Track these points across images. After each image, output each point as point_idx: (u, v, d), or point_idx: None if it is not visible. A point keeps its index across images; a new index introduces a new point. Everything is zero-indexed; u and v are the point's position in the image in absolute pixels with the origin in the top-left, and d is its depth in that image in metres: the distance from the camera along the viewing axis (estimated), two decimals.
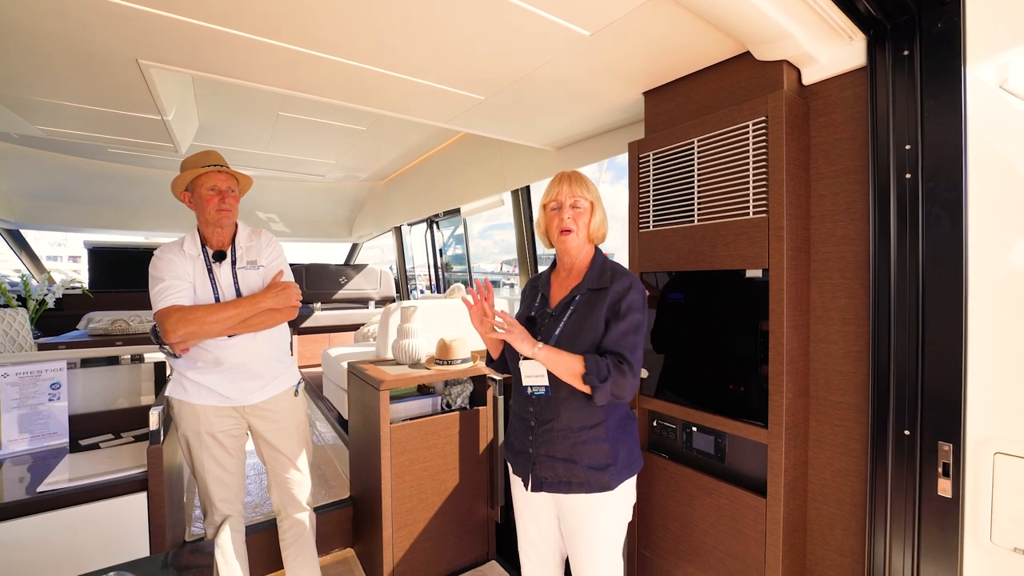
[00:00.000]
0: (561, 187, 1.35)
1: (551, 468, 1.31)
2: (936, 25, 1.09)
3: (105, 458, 1.72)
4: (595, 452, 1.28)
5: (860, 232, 1.25)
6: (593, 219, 1.37)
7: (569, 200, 1.34)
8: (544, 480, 1.32)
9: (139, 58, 1.48)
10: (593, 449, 1.28)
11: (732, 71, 1.44)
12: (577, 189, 1.34)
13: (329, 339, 4.57)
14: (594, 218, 1.37)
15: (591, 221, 1.36)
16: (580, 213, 1.35)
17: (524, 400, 1.38)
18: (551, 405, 1.31)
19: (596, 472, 1.27)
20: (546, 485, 1.32)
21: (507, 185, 2.85)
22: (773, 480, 1.30)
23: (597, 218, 1.37)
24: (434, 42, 1.36)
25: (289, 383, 1.83)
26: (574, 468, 1.28)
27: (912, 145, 1.13)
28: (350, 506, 2.33)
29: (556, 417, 1.31)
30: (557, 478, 1.30)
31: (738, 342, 1.40)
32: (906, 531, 1.16)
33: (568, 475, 1.29)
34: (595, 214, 1.37)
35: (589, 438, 1.29)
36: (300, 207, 4.61)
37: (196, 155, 1.70)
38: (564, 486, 1.30)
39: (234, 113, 2.68)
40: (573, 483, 1.29)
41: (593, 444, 1.29)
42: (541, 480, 1.32)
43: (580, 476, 1.28)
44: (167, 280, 1.58)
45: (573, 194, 1.34)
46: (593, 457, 1.28)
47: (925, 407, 1.12)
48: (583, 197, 1.34)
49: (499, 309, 1.36)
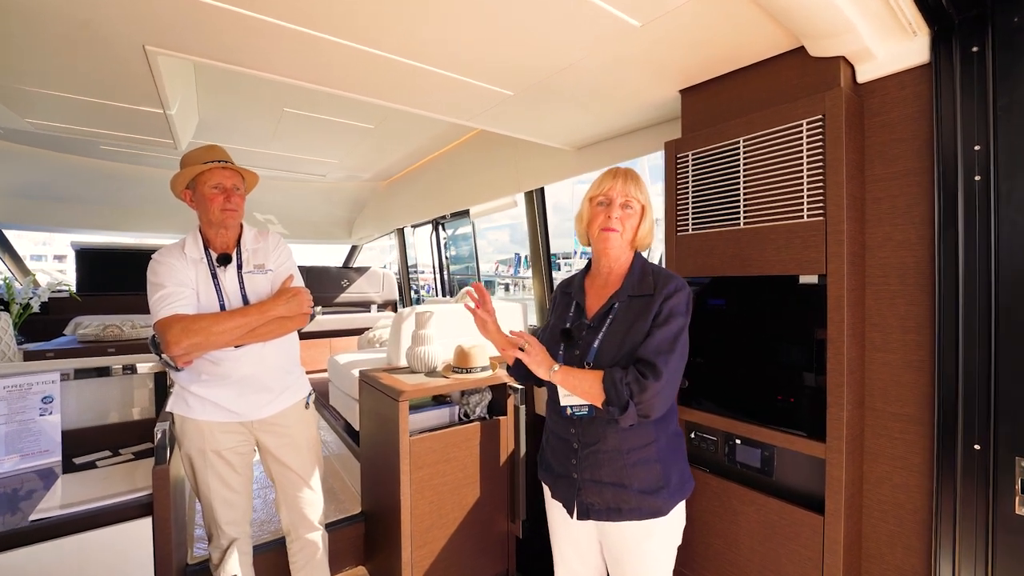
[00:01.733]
0: (615, 183, 1.24)
1: (598, 494, 1.21)
2: (1013, 20, 1.04)
3: (103, 479, 1.60)
4: (646, 475, 1.19)
5: (921, 236, 1.19)
6: (643, 224, 1.27)
7: (621, 199, 1.24)
8: (591, 507, 1.22)
9: (146, 44, 1.37)
10: (644, 471, 1.19)
11: (781, 68, 1.37)
12: (631, 188, 1.24)
13: (331, 344, 4.43)
14: (644, 223, 1.27)
15: (640, 226, 1.27)
16: (630, 215, 1.25)
17: (564, 420, 1.27)
18: (596, 426, 1.22)
19: (647, 496, 1.18)
20: (593, 512, 1.22)
21: (521, 186, 2.76)
22: (832, 496, 1.23)
23: (647, 224, 1.28)
24: (470, 31, 1.28)
25: (299, 395, 1.72)
26: (624, 493, 1.19)
27: (983, 146, 1.08)
28: (361, 522, 2.22)
29: (603, 439, 1.21)
30: (605, 504, 1.21)
31: (788, 350, 1.34)
32: (977, 553, 1.09)
33: (617, 501, 1.19)
34: (645, 219, 1.28)
35: (639, 459, 1.19)
36: (299, 208, 4.47)
37: (198, 150, 1.58)
38: (614, 513, 1.20)
39: (237, 109, 2.55)
40: (623, 509, 1.19)
41: (643, 466, 1.19)
42: (588, 507, 1.23)
43: (631, 502, 1.18)
44: (168, 287, 1.46)
45: (626, 192, 1.24)
46: (644, 480, 1.19)
47: (999, 421, 1.06)
48: (636, 199, 1.25)
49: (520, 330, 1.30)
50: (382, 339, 3.64)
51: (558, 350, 1.28)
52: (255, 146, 3.15)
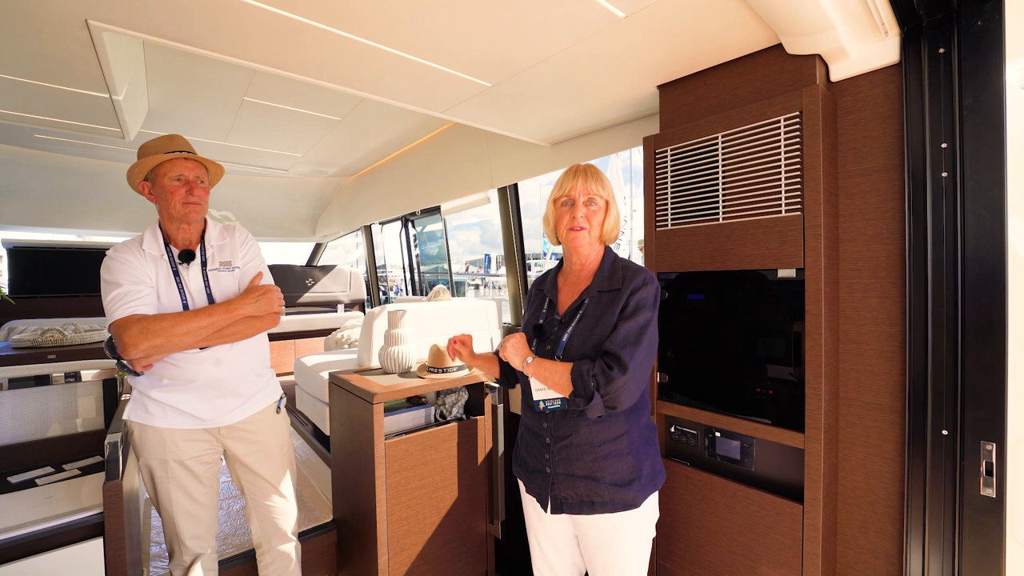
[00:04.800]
0: (576, 182, 1.24)
1: (571, 487, 1.22)
2: (976, 23, 1.08)
3: (45, 498, 1.45)
4: (618, 467, 1.20)
5: (892, 231, 1.23)
6: (608, 219, 1.28)
7: (583, 197, 1.24)
8: (565, 501, 1.23)
9: (89, 18, 1.24)
10: (616, 464, 1.20)
11: (757, 65, 1.39)
12: (592, 185, 1.24)
13: (295, 346, 4.24)
14: (608, 218, 1.28)
15: (605, 221, 1.28)
16: (594, 212, 1.25)
17: (537, 415, 1.27)
18: (568, 419, 1.22)
19: (620, 489, 1.19)
20: (567, 506, 1.23)
21: (494, 182, 2.72)
22: (811, 485, 1.26)
23: (611, 218, 1.29)
24: (452, 16, 1.22)
25: (270, 399, 1.62)
26: (596, 486, 1.19)
27: (949, 143, 1.12)
28: (333, 530, 2.13)
29: (574, 432, 1.21)
30: (578, 498, 1.21)
31: (766, 343, 1.36)
32: (944, 532, 1.14)
33: (590, 494, 1.20)
34: (609, 213, 1.28)
35: (611, 452, 1.20)
36: (259, 203, 4.25)
37: (158, 140, 1.46)
38: (586, 506, 1.21)
39: (192, 96, 2.38)
40: (596, 503, 1.20)
41: (615, 459, 1.20)
42: (561, 501, 1.23)
43: (603, 494, 1.19)
44: (124, 285, 1.35)
45: (588, 190, 1.24)
46: (616, 473, 1.19)
47: (965, 407, 1.11)
48: (598, 195, 1.25)
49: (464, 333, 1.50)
50: (351, 340, 3.52)
51: (531, 345, 1.29)
52: (211, 138, 2.96)
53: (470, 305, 2.75)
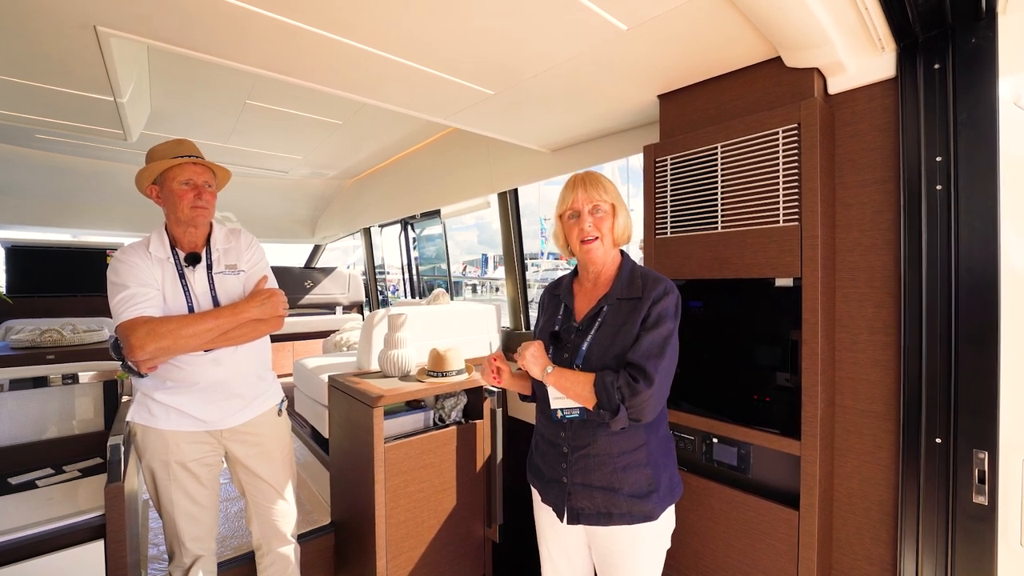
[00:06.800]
0: (576, 193, 1.23)
1: (589, 498, 1.21)
2: (970, 40, 1.11)
3: (46, 500, 1.45)
4: (636, 479, 1.19)
5: (887, 241, 1.25)
6: (617, 222, 1.26)
7: (588, 205, 1.23)
8: (581, 511, 1.22)
9: (97, 24, 1.25)
10: (634, 475, 1.19)
11: (757, 77, 1.41)
12: (594, 192, 1.23)
13: (293, 348, 4.24)
14: (617, 221, 1.26)
15: (615, 225, 1.26)
16: (602, 218, 1.24)
17: (554, 424, 1.26)
18: (586, 429, 1.21)
19: (638, 501, 1.18)
20: (583, 517, 1.22)
21: (495, 187, 2.74)
22: (807, 492, 1.28)
23: (621, 220, 1.27)
24: (455, 25, 1.24)
25: (272, 402, 1.64)
26: (614, 497, 1.18)
27: (944, 157, 1.15)
28: (332, 533, 2.13)
29: (593, 442, 1.20)
30: (595, 509, 1.20)
31: (763, 351, 1.38)
32: (938, 539, 1.16)
33: (608, 505, 1.19)
34: (618, 216, 1.27)
35: (629, 463, 1.19)
36: (259, 205, 4.25)
37: (167, 144, 1.48)
38: (604, 518, 1.19)
39: (194, 99, 2.39)
40: (614, 514, 1.19)
41: (634, 470, 1.19)
42: (578, 511, 1.22)
43: (621, 506, 1.18)
44: (131, 287, 1.36)
45: (591, 198, 1.23)
46: (634, 484, 1.19)
47: (959, 415, 1.13)
48: (603, 200, 1.24)
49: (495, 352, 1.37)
50: (350, 342, 3.52)
51: (547, 353, 1.27)
52: (212, 139, 2.97)
53: (469, 309, 2.76)
